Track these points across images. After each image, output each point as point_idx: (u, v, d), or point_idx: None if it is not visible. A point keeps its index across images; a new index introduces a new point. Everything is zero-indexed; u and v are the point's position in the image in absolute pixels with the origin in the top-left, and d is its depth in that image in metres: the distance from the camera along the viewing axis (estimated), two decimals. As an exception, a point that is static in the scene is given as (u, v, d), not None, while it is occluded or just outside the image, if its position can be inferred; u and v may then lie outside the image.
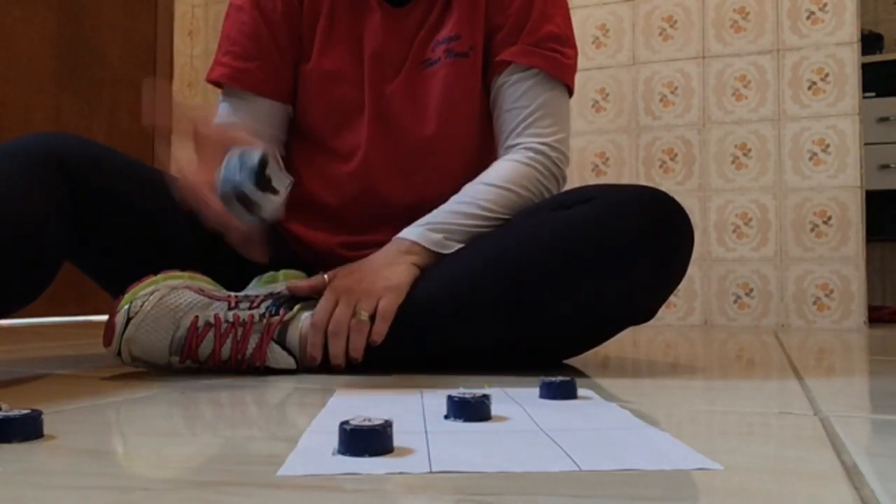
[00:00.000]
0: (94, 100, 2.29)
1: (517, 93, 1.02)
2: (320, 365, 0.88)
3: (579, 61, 1.10)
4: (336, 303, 0.88)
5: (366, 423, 0.45)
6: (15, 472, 0.42)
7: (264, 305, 0.89)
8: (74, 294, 2.02)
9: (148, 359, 0.85)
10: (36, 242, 0.81)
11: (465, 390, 0.60)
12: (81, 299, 2.10)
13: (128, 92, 2.39)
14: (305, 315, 0.89)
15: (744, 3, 2.05)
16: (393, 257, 0.93)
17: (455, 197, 0.98)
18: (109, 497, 0.38)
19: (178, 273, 0.90)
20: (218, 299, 0.88)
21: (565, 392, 0.67)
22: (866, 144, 2.08)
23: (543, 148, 1.00)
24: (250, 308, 0.88)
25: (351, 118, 1.05)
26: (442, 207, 0.97)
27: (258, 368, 0.87)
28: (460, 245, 0.94)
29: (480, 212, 0.95)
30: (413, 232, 0.95)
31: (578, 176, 2.16)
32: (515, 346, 0.91)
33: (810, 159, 1.97)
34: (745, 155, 2.03)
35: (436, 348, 0.90)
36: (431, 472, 0.42)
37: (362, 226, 1.07)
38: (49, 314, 2.07)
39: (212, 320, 0.86)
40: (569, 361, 1.00)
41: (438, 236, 0.94)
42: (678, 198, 0.93)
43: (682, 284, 2.05)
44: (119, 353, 0.84)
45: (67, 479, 0.42)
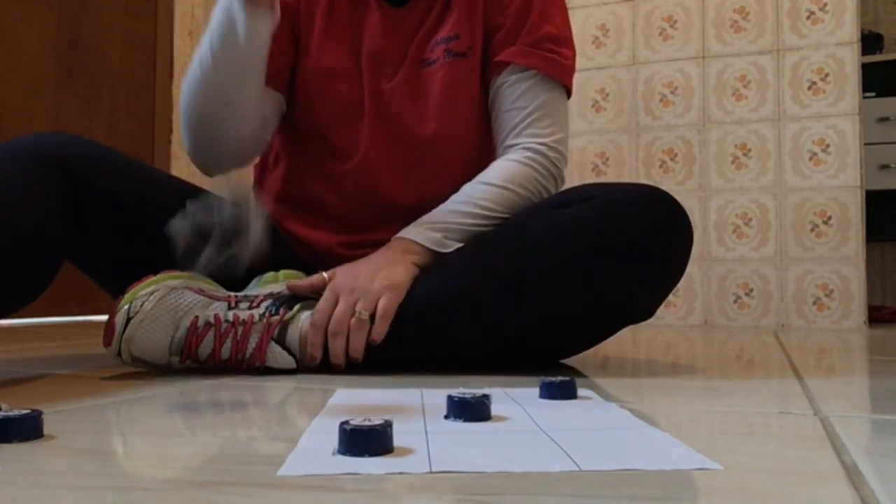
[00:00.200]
0: (94, 100, 2.29)
1: (516, 93, 1.02)
2: (320, 364, 0.88)
3: (579, 61, 1.10)
4: (336, 302, 0.89)
5: (366, 423, 0.45)
6: (15, 472, 0.42)
7: (264, 305, 0.89)
8: (74, 294, 2.02)
9: (148, 359, 0.85)
10: (36, 242, 0.81)
11: (465, 390, 0.60)
12: (81, 299, 2.10)
13: (128, 92, 2.39)
14: (305, 315, 0.89)
15: (744, 3, 2.05)
16: (393, 256, 0.93)
17: (454, 196, 0.98)
18: (109, 497, 0.38)
19: (178, 273, 0.90)
20: (218, 299, 0.88)
21: (565, 392, 0.67)
22: (866, 144, 2.09)
23: (542, 148, 1.00)
24: (250, 308, 0.88)
25: (350, 116, 1.05)
26: (441, 207, 0.98)
27: (258, 368, 0.87)
28: (460, 244, 0.94)
29: (479, 211, 0.96)
30: (412, 231, 0.95)
31: (578, 176, 2.16)
32: (515, 345, 0.91)
33: (810, 159, 1.97)
34: (745, 155, 2.03)
35: (436, 347, 0.90)
36: (431, 472, 0.42)
37: (362, 225, 1.07)
38: (49, 314, 2.07)
39: (212, 320, 0.86)
40: (568, 361, 1.00)
41: (438, 235, 0.94)
42: (678, 198, 0.93)
43: (682, 284, 2.05)
44: (119, 353, 0.84)
45: (67, 479, 0.42)
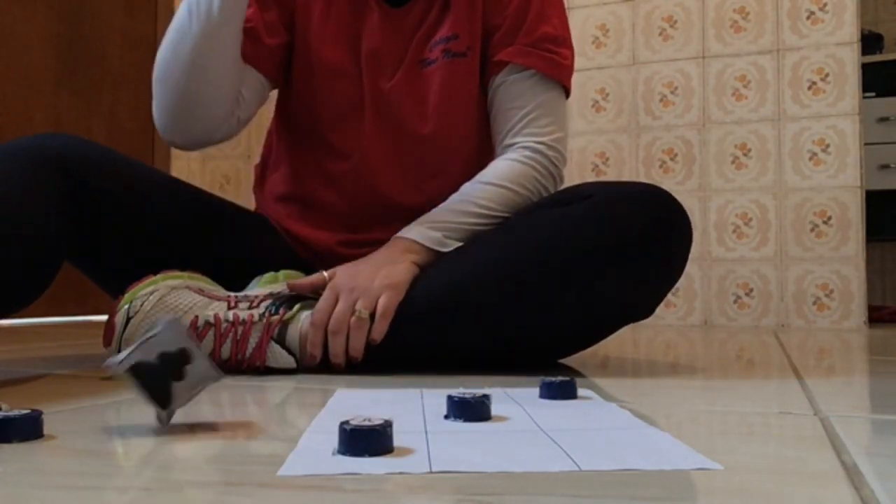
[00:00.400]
0: (94, 100, 2.29)
1: (514, 93, 1.02)
2: (320, 364, 0.88)
3: (579, 61, 1.10)
4: (336, 301, 0.89)
5: (366, 423, 0.45)
6: (15, 472, 0.42)
7: (264, 305, 0.89)
8: (74, 294, 2.02)
9: (148, 359, 0.85)
10: (36, 242, 0.81)
11: (465, 390, 0.60)
12: (81, 299, 2.10)
13: (128, 92, 2.39)
14: (305, 314, 0.89)
15: (744, 3, 2.05)
16: (392, 255, 0.93)
17: (453, 196, 0.99)
18: (109, 497, 0.38)
19: (178, 273, 0.90)
20: (217, 299, 0.88)
21: (565, 392, 0.67)
22: (866, 144, 2.08)
23: (541, 147, 1.00)
24: (250, 308, 0.88)
25: (350, 116, 1.05)
26: (441, 206, 0.98)
27: (258, 368, 0.87)
28: (459, 243, 0.94)
29: (479, 210, 0.96)
30: (412, 230, 0.95)
31: (578, 176, 2.16)
32: (515, 344, 0.91)
33: (810, 159, 1.97)
34: (745, 155, 2.03)
35: (435, 346, 0.90)
36: (431, 472, 0.42)
37: (362, 224, 1.07)
38: (49, 314, 2.07)
39: (211, 320, 0.86)
40: (568, 361, 1.00)
41: (437, 234, 0.94)
42: (678, 198, 0.93)
43: (682, 284, 2.05)
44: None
45: (67, 479, 0.42)
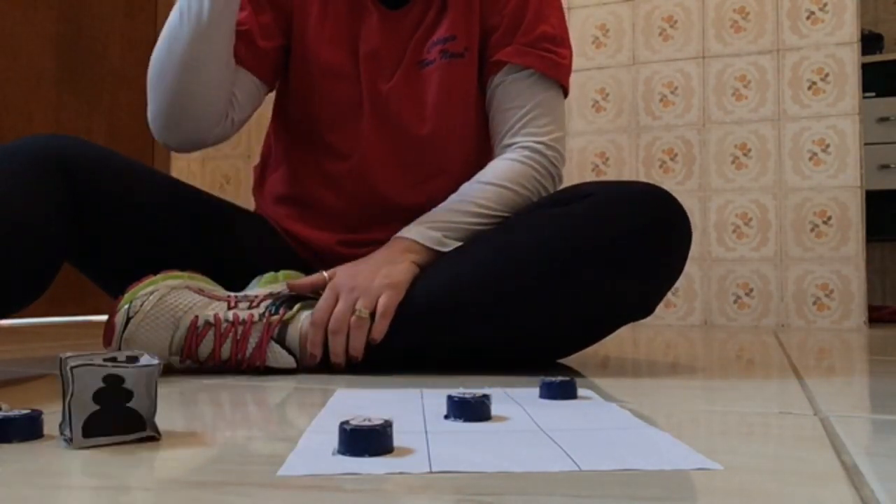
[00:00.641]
0: (94, 100, 2.29)
1: (513, 93, 1.02)
2: (320, 363, 0.88)
3: (579, 61, 1.10)
4: (336, 301, 0.89)
5: (366, 423, 0.45)
6: (15, 472, 0.42)
7: (264, 305, 0.89)
8: (74, 294, 2.02)
9: (148, 359, 0.85)
10: (36, 243, 0.81)
11: (465, 390, 0.60)
12: (81, 299, 2.10)
13: (128, 92, 2.39)
14: (305, 314, 0.89)
15: (744, 3, 2.05)
16: (392, 255, 0.93)
17: (453, 196, 0.99)
18: (109, 497, 0.38)
19: (178, 273, 0.90)
20: (217, 299, 0.88)
21: (565, 392, 0.67)
22: (866, 144, 2.08)
23: (540, 147, 1.01)
24: (250, 308, 0.88)
25: (348, 117, 1.05)
26: (440, 206, 0.98)
27: (258, 368, 0.87)
28: (459, 243, 0.94)
29: (479, 210, 0.96)
30: (412, 230, 0.95)
31: (578, 176, 2.16)
32: (515, 344, 0.91)
33: (810, 159, 1.97)
34: (745, 155, 2.03)
35: (435, 346, 0.90)
36: (431, 472, 0.42)
37: (361, 225, 1.07)
38: (49, 314, 2.07)
39: (211, 320, 0.86)
40: (568, 361, 1.00)
41: (437, 234, 0.94)
42: (678, 198, 0.93)
43: (682, 284, 2.05)
44: (119, 353, 0.84)
45: (67, 479, 0.42)
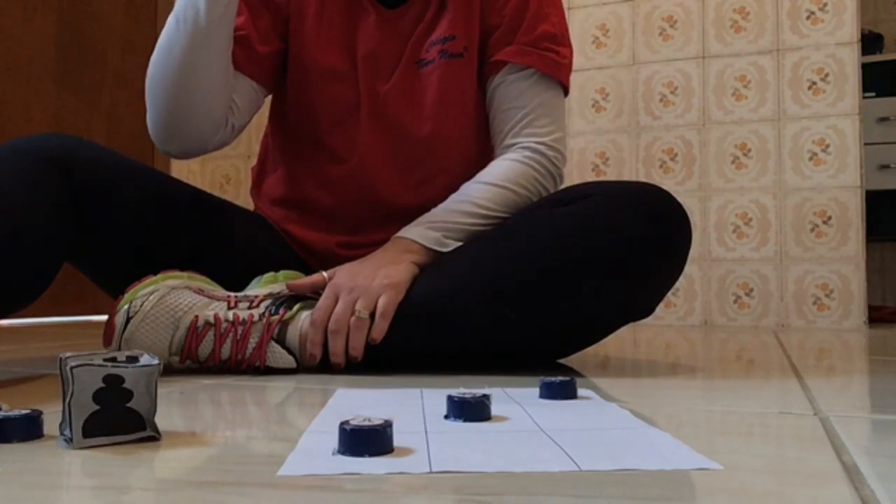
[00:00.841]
0: (94, 100, 2.29)
1: (513, 93, 1.02)
2: (320, 363, 0.88)
3: (579, 61, 1.10)
4: (336, 301, 0.89)
5: (366, 423, 0.45)
6: (15, 472, 0.42)
7: (264, 305, 0.89)
8: (74, 294, 2.02)
9: (148, 359, 0.85)
10: (36, 243, 0.81)
11: (465, 390, 0.60)
12: (81, 299, 2.10)
13: (128, 92, 2.39)
14: (305, 314, 0.89)
15: (744, 3, 2.05)
16: (392, 255, 0.93)
17: (453, 196, 0.98)
18: (109, 497, 0.38)
19: (178, 273, 0.90)
20: (217, 299, 0.88)
21: (565, 392, 0.67)
22: (866, 144, 2.08)
23: (541, 147, 1.00)
24: (250, 308, 0.88)
25: (346, 118, 1.05)
26: (440, 206, 0.98)
27: (258, 368, 0.87)
28: (459, 243, 0.94)
29: (479, 210, 0.96)
30: (412, 230, 0.95)
31: (578, 176, 2.16)
32: (514, 344, 0.91)
33: (810, 159, 1.97)
34: (745, 155, 2.03)
35: (435, 346, 0.90)
36: (431, 472, 0.41)
37: (360, 226, 1.07)
38: (49, 314, 2.07)
39: (211, 320, 0.86)
40: (568, 361, 1.00)
41: (437, 234, 0.94)
42: (678, 198, 0.93)
43: (682, 284, 2.05)
44: (119, 353, 0.84)
45: (67, 479, 0.42)
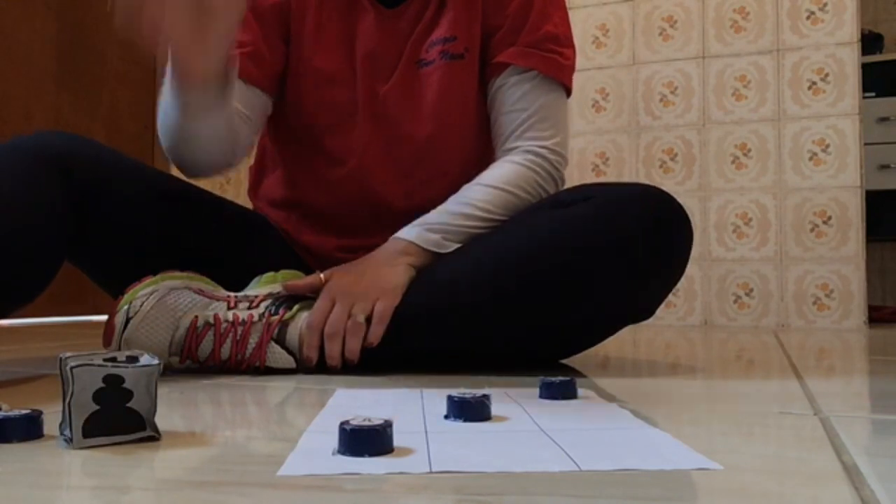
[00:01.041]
0: (94, 100, 2.29)
1: (515, 95, 1.01)
2: (316, 366, 0.88)
3: (579, 61, 1.10)
4: (332, 304, 0.88)
5: (366, 423, 0.45)
6: (15, 472, 0.42)
7: (264, 305, 0.89)
8: (74, 294, 2.02)
9: (148, 359, 0.85)
10: (36, 242, 0.81)
11: (465, 390, 0.60)
12: (81, 299, 2.10)
13: (128, 92, 2.39)
14: (305, 315, 0.89)
15: (744, 3, 2.05)
16: (389, 258, 0.92)
17: (453, 198, 0.98)
18: (109, 497, 0.38)
19: (178, 273, 0.90)
20: (217, 299, 0.88)
21: (565, 392, 0.67)
22: (866, 144, 2.08)
23: (543, 151, 1.00)
24: (250, 308, 0.88)
25: (345, 120, 1.04)
26: (439, 208, 0.97)
27: (258, 368, 0.87)
28: (457, 245, 0.94)
29: (478, 212, 0.95)
30: (410, 232, 0.94)
31: (579, 176, 2.16)
32: (514, 346, 0.91)
33: (810, 159, 1.97)
34: (745, 155, 2.03)
35: (433, 349, 0.89)
36: (431, 472, 0.41)
37: (360, 228, 1.06)
38: (49, 314, 2.07)
39: (211, 320, 0.86)
40: (568, 361, 1.00)
41: (436, 237, 0.93)
42: (678, 198, 0.93)
43: (682, 284, 2.05)
44: (119, 354, 0.84)
45: (67, 479, 0.42)
